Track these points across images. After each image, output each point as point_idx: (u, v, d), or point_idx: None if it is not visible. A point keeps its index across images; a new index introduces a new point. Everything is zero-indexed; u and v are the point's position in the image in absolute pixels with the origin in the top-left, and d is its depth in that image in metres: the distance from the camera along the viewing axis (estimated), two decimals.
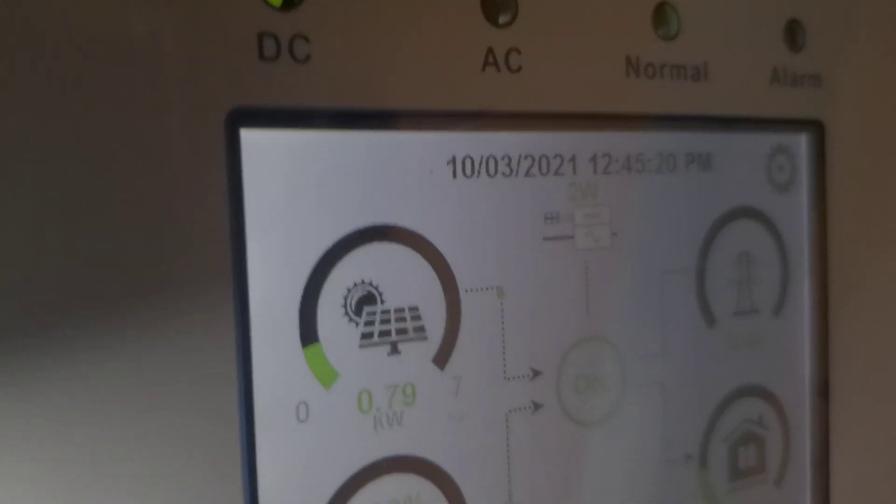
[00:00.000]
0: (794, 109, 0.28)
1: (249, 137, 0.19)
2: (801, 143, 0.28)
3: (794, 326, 0.28)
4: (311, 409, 0.19)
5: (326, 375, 0.20)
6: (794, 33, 0.28)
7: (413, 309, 0.21)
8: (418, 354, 0.21)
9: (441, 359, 0.21)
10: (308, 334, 0.20)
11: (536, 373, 0.23)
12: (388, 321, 0.21)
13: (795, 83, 0.28)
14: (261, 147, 0.19)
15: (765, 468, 0.28)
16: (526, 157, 0.22)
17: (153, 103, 0.17)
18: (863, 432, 0.29)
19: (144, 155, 0.17)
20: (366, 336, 0.20)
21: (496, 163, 0.22)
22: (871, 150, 0.29)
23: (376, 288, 0.20)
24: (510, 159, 0.22)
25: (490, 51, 0.21)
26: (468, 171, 0.22)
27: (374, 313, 0.20)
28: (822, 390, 0.29)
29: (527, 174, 0.23)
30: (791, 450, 0.28)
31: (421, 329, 0.21)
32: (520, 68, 0.22)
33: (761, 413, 0.28)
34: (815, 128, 0.28)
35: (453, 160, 0.21)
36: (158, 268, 0.18)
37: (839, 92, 0.29)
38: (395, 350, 0.21)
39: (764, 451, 0.28)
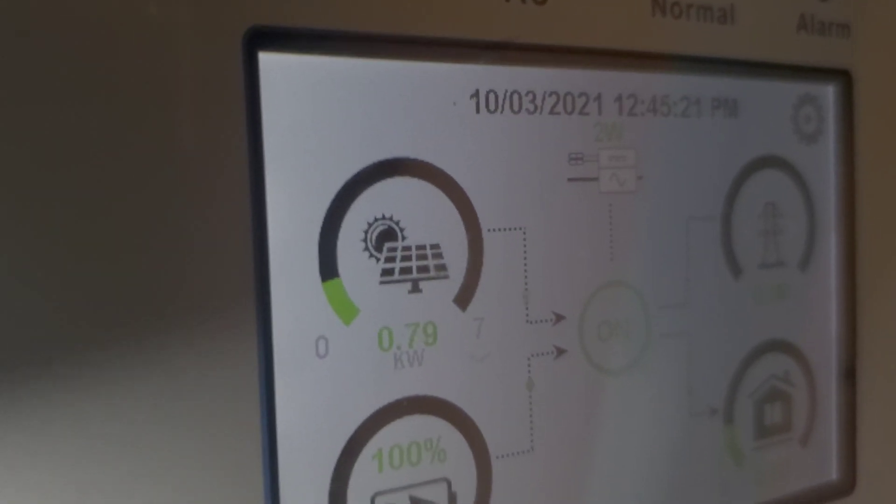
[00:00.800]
0: (822, 58, 0.27)
1: (268, 61, 0.18)
2: (829, 93, 0.28)
3: (821, 281, 0.28)
4: (330, 344, 0.19)
5: (346, 311, 0.19)
6: None
7: (434, 246, 0.20)
8: (440, 293, 0.20)
9: (463, 299, 0.21)
10: (328, 269, 0.19)
11: (559, 317, 0.22)
12: (409, 258, 0.20)
13: (823, 31, 0.27)
14: (280, 71, 0.18)
15: (791, 426, 0.27)
16: (550, 94, 0.22)
17: (163, 24, 0.17)
18: (891, 392, 0.29)
19: (156, 83, 0.17)
20: (386, 272, 0.20)
21: (520, 98, 0.21)
22: None
23: (397, 223, 0.20)
24: (534, 95, 0.22)
25: None
26: (492, 106, 0.21)
27: (395, 249, 0.20)
28: (849, 347, 0.28)
29: (551, 111, 0.22)
30: (817, 408, 0.28)
31: (442, 267, 0.20)
32: (545, 0, 0.21)
33: (787, 369, 0.27)
34: (843, 78, 0.28)
35: (477, 93, 0.21)
36: (174, 198, 0.17)
37: (867, 41, 0.28)
38: (416, 288, 0.20)
39: (790, 408, 0.27)
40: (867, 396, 0.28)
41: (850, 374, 0.28)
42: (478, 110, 0.21)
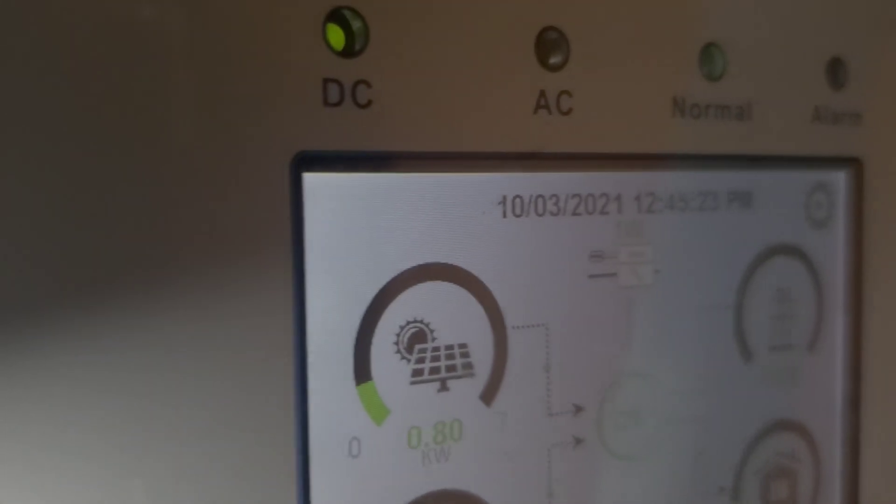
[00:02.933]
0: (834, 147, 0.28)
1: (312, 180, 0.19)
2: (840, 179, 0.29)
3: (828, 362, 0.29)
4: (362, 444, 0.20)
5: (378, 412, 0.20)
6: (835, 71, 0.28)
7: (462, 346, 0.21)
8: (466, 391, 0.21)
9: (488, 395, 0.22)
10: (362, 372, 0.20)
11: (579, 408, 0.23)
12: (438, 358, 0.21)
13: (836, 121, 0.28)
14: (322, 189, 0.19)
15: (796, 501, 0.28)
16: (573, 197, 0.23)
17: (224, 147, 0.18)
18: (894, 475, 0.30)
19: (213, 197, 0.18)
20: (416, 373, 0.21)
21: (544, 202, 0.22)
22: None
23: (427, 325, 0.21)
24: (558, 198, 0.23)
25: (542, 93, 0.22)
26: (517, 211, 0.22)
27: (424, 350, 0.21)
28: (854, 427, 0.29)
29: (573, 213, 0.23)
30: (821, 485, 0.29)
31: (469, 365, 0.21)
32: (570, 110, 0.22)
33: (794, 447, 0.28)
34: (854, 165, 0.28)
35: (503, 200, 0.22)
36: (223, 303, 0.18)
37: (879, 129, 0.29)
38: (444, 387, 0.21)
39: (796, 484, 0.28)
40: (870, 471, 0.29)
41: (854, 451, 0.29)
42: (504, 215, 0.22)
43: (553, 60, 0.22)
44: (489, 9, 0.21)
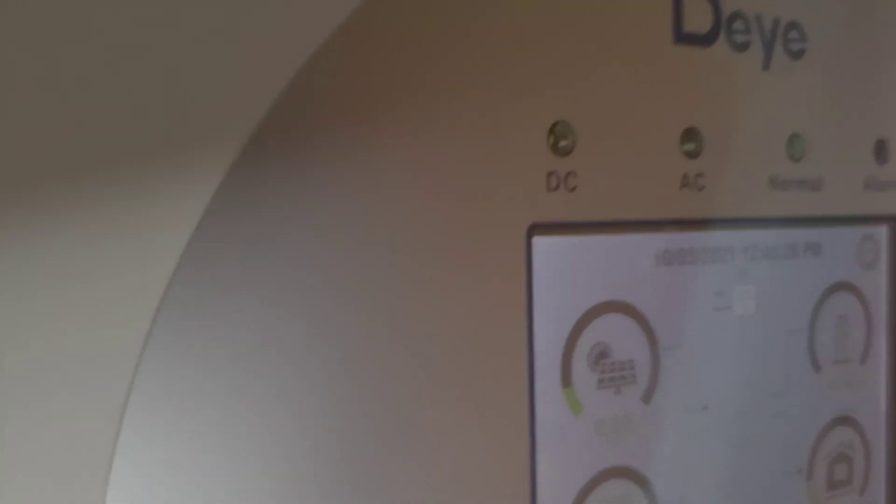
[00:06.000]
0: (880, 208, 0.36)
1: (538, 241, 0.27)
2: (883, 232, 0.37)
3: (876, 372, 0.37)
4: (565, 430, 0.28)
5: (576, 407, 0.28)
6: (881, 150, 0.36)
7: (630, 361, 0.29)
8: (632, 394, 0.29)
9: (647, 397, 0.30)
10: (566, 379, 0.28)
11: (705, 407, 0.31)
12: (615, 370, 0.29)
13: (881, 188, 0.36)
14: (544, 247, 0.27)
15: (852, 481, 0.36)
16: (704, 250, 0.31)
17: (473, 224, 0.26)
18: None
19: (466, 259, 0.26)
20: (601, 381, 0.29)
21: (685, 253, 0.31)
22: None
23: (608, 346, 0.29)
24: (694, 251, 0.31)
25: (685, 175, 0.30)
26: (668, 262, 0.30)
27: (606, 364, 0.29)
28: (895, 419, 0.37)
29: (704, 262, 0.31)
30: (872, 467, 0.37)
31: (634, 376, 0.29)
32: (703, 187, 0.30)
33: (851, 439, 0.36)
34: (894, 221, 0.37)
35: (659, 252, 0.30)
36: (470, 336, 0.26)
37: None
38: (618, 391, 0.29)
39: (852, 467, 0.36)
40: None
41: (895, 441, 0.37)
42: (657, 264, 0.30)
43: (692, 151, 0.30)
44: (649, 118, 0.29)
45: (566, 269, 0.28)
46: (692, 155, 0.30)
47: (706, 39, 0.30)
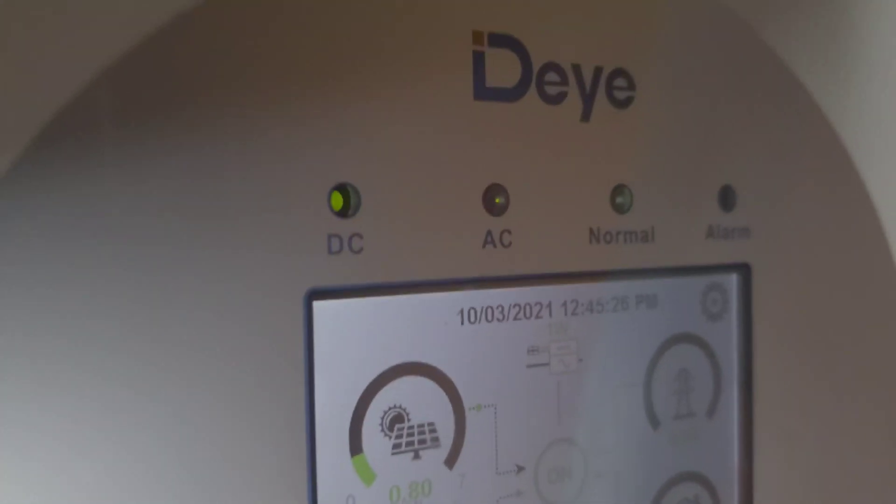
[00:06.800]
0: (726, 256, 0.36)
1: (319, 306, 0.26)
2: (732, 281, 0.36)
3: (725, 425, 0.36)
4: (357, 501, 0.27)
5: (368, 476, 0.27)
6: (726, 197, 0.35)
7: (431, 424, 0.29)
8: (434, 458, 0.29)
9: (450, 461, 0.29)
10: (355, 446, 0.27)
11: (520, 468, 0.30)
12: (412, 434, 0.28)
13: (727, 236, 0.36)
14: (327, 312, 0.26)
15: None
16: (514, 306, 0.30)
17: (250, 285, 0.25)
18: None
19: (240, 323, 0.25)
20: (396, 446, 0.28)
21: (492, 311, 0.30)
22: (791, 287, 0.37)
23: (404, 409, 0.28)
24: (503, 308, 0.30)
25: (489, 233, 0.29)
26: (472, 319, 0.29)
27: (402, 429, 0.28)
28: (748, 475, 0.36)
29: (515, 318, 0.30)
30: None
31: (436, 439, 0.29)
32: (510, 244, 0.30)
33: (697, 494, 0.35)
34: (743, 269, 0.36)
35: (461, 311, 0.29)
36: (245, 404, 0.25)
37: (764, 240, 0.36)
38: (417, 456, 0.28)
39: None
40: None
41: (748, 498, 0.36)
42: (462, 323, 0.29)
43: (497, 208, 0.30)
44: (447, 176, 0.28)
45: (355, 333, 0.27)
46: (497, 212, 0.29)
47: (513, 94, 0.30)
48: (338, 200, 0.27)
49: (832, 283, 0.38)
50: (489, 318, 0.30)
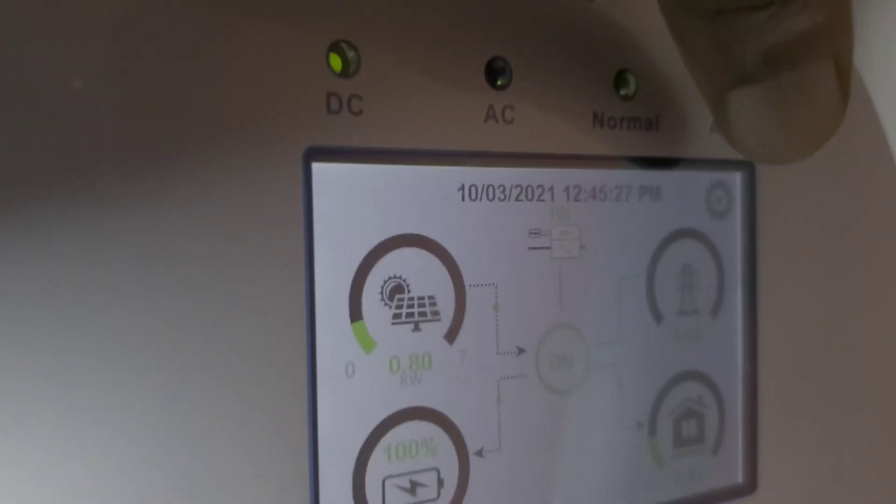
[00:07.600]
0: (731, 153, 0.35)
1: (318, 168, 0.26)
2: (737, 179, 0.36)
3: (729, 324, 0.35)
4: (356, 368, 0.27)
5: (368, 344, 0.27)
6: None
7: (431, 297, 0.28)
8: (434, 332, 0.28)
9: (450, 336, 0.28)
10: (355, 313, 0.27)
11: (521, 350, 0.30)
12: (412, 306, 0.28)
13: None
14: (326, 175, 0.26)
15: (704, 439, 0.35)
16: (516, 187, 0.30)
17: (247, 144, 0.25)
18: (786, 411, 0.37)
19: (239, 184, 0.25)
20: (396, 316, 0.27)
21: (494, 190, 0.29)
22: (794, 185, 0.37)
23: (405, 280, 0.28)
24: (504, 188, 0.30)
25: (491, 107, 0.29)
26: (473, 196, 0.29)
27: (402, 300, 0.27)
28: (752, 376, 0.36)
29: (516, 199, 0.30)
30: (726, 425, 0.35)
31: (436, 313, 0.28)
32: (513, 120, 0.29)
33: (701, 394, 0.35)
34: (748, 167, 0.36)
35: (462, 187, 0.29)
36: (244, 268, 0.25)
37: None
38: (417, 328, 0.28)
39: (703, 424, 0.35)
40: (766, 415, 0.36)
41: (752, 398, 0.36)
42: (463, 199, 0.29)
43: (500, 82, 0.29)
44: (449, 44, 0.28)
45: (354, 201, 0.27)
46: (500, 86, 0.29)
47: None
48: (336, 61, 0.26)
49: (837, 185, 0.38)
50: (490, 196, 0.29)
